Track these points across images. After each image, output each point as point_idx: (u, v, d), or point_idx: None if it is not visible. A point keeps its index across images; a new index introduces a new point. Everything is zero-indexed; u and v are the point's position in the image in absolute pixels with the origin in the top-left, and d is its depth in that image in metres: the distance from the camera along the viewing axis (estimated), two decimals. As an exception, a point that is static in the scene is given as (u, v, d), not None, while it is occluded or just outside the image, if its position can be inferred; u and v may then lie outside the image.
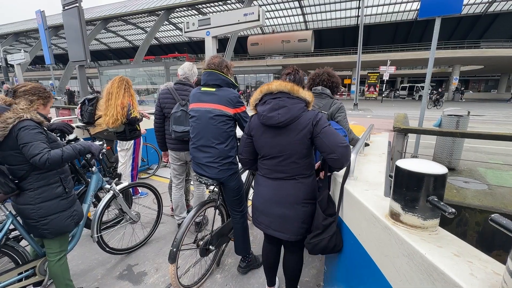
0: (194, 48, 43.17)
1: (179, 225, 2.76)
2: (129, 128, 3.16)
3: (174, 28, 38.44)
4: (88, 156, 2.13)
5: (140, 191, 3.71)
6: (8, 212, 1.66)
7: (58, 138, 1.90)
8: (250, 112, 1.73)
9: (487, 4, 26.38)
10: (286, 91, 1.45)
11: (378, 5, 29.23)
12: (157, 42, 43.51)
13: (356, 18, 31.12)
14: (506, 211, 2.75)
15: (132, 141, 3.34)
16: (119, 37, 43.68)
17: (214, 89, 1.89)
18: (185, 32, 5.25)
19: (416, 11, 27.61)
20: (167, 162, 2.80)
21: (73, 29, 6.33)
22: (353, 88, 23.73)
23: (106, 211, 2.33)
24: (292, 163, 1.47)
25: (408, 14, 30.05)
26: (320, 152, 1.46)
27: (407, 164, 0.91)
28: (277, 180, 1.53)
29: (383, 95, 27.81)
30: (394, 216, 0.95)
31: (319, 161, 1.64)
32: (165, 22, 33.19)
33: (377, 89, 26.92)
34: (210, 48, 4.89)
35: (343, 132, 1.94)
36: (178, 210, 2.75)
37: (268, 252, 1.81)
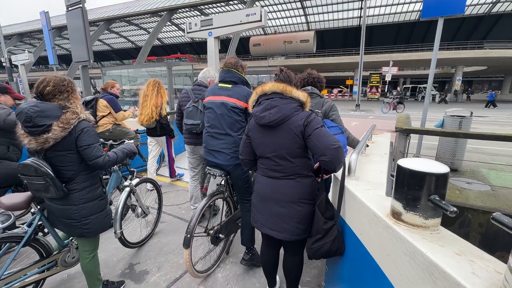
0: (196, 49, 43.31)
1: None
2: (160, 125, 3.54)
3: (177, 29, 38.63)
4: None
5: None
6: (37, 209, 1.70)
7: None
8: None
9: (491, 5, 26.25)
10: (278, 91, 1.49)
11: (380, 6, 29.17)
12: (159, 43, 43.72)
13: (359, 18, 31.09)
14: (509, 212, 2.73)
15: (164, 137, 3.77)
16: (122, 38, 43.96)
17: (230, 86, 2.05)
18: (188, 32, 5.25)
19: (419, 12, 27.50)
20: None
21: (76, 30, 6.36)
22: (355, 89, 23.70)
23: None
24: (287, 162, 1.48)
25: (410, 14, 29.96)
26: (313, 154, 1.46)
27: (409, 163, 0.91)
28: (274, 179, 1.54)
29: (385, 96, 27.62)
30: (395, 215, 0.95)
31: (318, 163, 1.62)
32: (168, 23, 33.33)
33: (379, 89, 26.81)
34: (212, 49, 4.88)
35: (340, 129, 1.96)
36: (193, 200, 3.00)
37: (266, 256, 1.81)
